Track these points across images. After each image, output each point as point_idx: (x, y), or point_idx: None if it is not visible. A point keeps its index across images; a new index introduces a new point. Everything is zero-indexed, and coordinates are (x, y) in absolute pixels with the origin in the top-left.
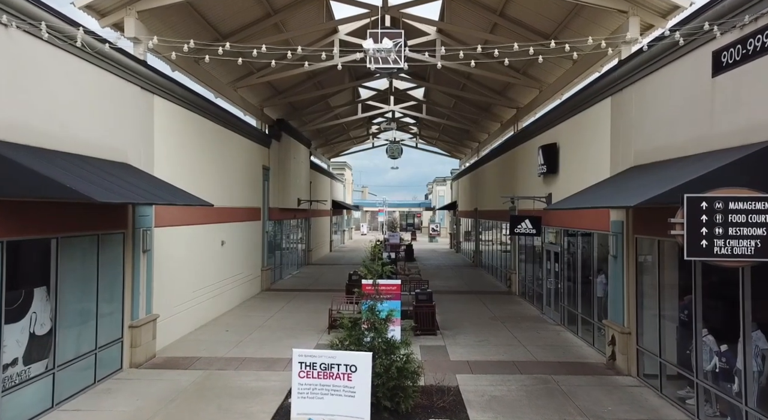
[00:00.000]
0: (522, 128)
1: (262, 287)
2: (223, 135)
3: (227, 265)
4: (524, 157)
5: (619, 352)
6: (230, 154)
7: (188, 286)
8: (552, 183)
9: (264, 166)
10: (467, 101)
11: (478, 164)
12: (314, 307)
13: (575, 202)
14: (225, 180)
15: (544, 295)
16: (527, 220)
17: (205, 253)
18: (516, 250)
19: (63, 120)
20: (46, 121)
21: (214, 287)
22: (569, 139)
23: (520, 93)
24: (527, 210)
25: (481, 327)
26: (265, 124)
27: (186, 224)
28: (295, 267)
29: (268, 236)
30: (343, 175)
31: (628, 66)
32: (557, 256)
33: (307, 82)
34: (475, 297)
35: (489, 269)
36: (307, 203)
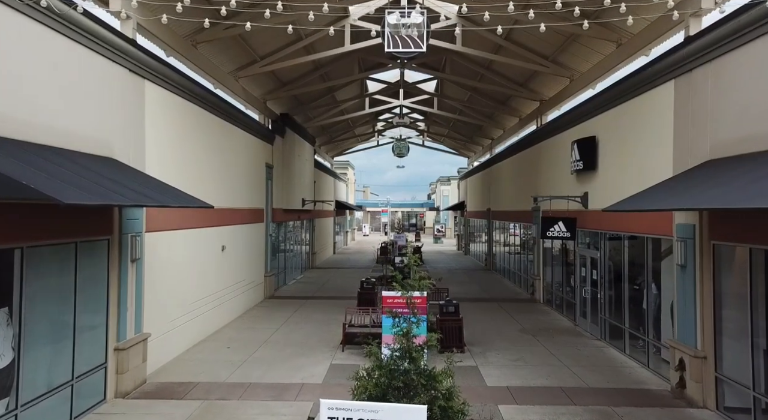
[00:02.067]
0: (547, 122)
1: (266, 295)
2: (223, 129)
3: (229, 272)
4: (551, 154)
5: (690, 379)
6: (232, 150)
7: (186, 297)
8: (588, 181)
9: (267, 163)
10: (484, 94)
11: (492, 162)
12: (323, 317)
13: (646, 203)
14: (226, 178)
15: (578, 305)
16: (560, 222)
17: (205, 259)
18: (540, 254)
19: (33, 104)
20: (11, 106)
21: (214, 297)
22: (612, 131)
23: (546, 84)
24: (555, 211)
25: (512, 342)
26: (268, 119)
27: (183, 228)
28: (299, 271)
29: (271, 239)
30: (346, 175)
31: (701, 42)
32: (595, 262)
33: (313, 73)
34: (497, 305)
35: (505, 273)
36: (311, 204)
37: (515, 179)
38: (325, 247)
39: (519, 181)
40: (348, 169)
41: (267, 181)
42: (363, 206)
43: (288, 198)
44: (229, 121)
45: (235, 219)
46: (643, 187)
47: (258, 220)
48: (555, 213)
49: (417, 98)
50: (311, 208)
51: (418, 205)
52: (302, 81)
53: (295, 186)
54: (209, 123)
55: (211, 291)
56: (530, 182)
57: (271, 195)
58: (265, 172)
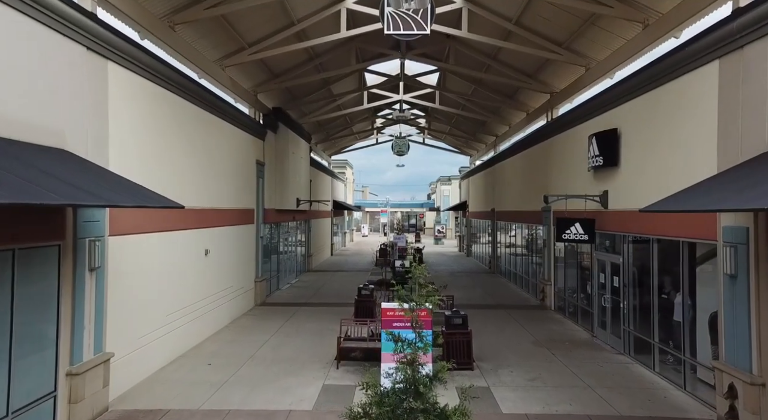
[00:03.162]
0: (559, 116)
1: (256, 301)
2: (208, 122)
3: (213, 278)
4: (563, 149)
5: (743, 409)
6: (218, 146)
7: (161, 309)
8: (609, 178)
9: (258, 160)
10: (489, 87)
11: (496, 160)
12: (317, 327)
13: (695, 202)
14: (211, 176)
15: (595, 314)
16: (578, 223)
17: (185, 265)
18: (551, 258)
19: None
20: None
21: (195, 307)
22: (638, 122)
23: (557, 74)
24: (571, 211)
25: (525, 357)
26: (260, 113)
27: (158, 230)
28: (294, 275)
29: (262, 242)
30: (344, 174)
31: (757, 12)
32: (616, 267)
33: (307, 64)
34: (505, 313)
35: (511, 277)
36: (307, 204)
37: (523, 178)
38: (322, 249)
39: (527, 180)
40: (346, 169)
41: (258, 179)
42: (362, 206)
43: (281, 197)
44: (215, 114)
45: (221, 220)
46: (677, 184)
47: (248, 221)
48: (571, 213)
49: (418, 92)
50: (307, 208)
51: (417, 206)
52: (296, 72)
53: (289, 185)
54: (191, 115)
55: (191, 300)
56: (540, 181)
57: (263, 194)
58: (256, 169)
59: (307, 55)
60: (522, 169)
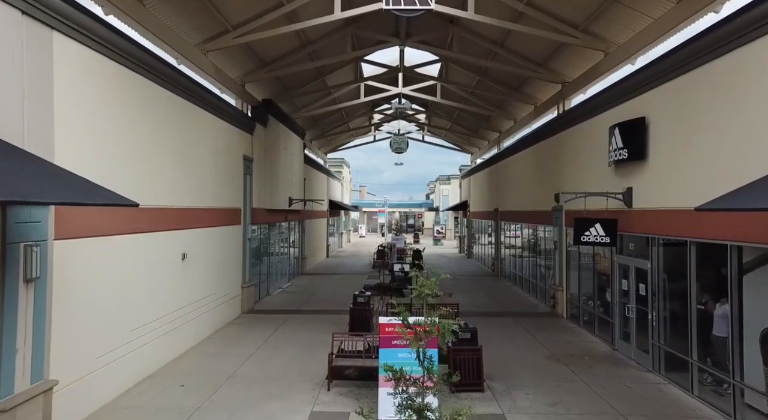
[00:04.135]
0: (573, 107)
1: (244, 309)
2: (187, 111)
3: (192, 285)
4: (578, 143)
5: None
6: (199, 138)
7: (124, 323)
8: (634, 173)
9: (246, 156)
10: (494, 78)
11: (500, 157)
12: (309, 337)
13: None
14: (190, 172)
15: (616, 325)
16: (598, 224)
17: (157, 272)
18: (562, 261)
19: None
20: None
21: (170, 318)
22: (671, 109)
23: (571, 61)
24: (590, 211)
25: (541, 375)
26: (248, 105)
27: (123, 233)
28: (286, 279)
29: (250, 244)
30: (341, 173)
31: None
32: (643, 273)
33: (299, 51)
34: (513, 321)
35: (516, 281)
36: (301, 203)
37: (530, 175)
38: (317, 251)
39: (535, 178)
40: (343, 167)
41: (245, 176)
42: (359, 206)
43: (272, 196)
44: (196, 103)
45: (202, 221)
46: (726, 180)
47: (233, 221)
48: (590, 213)
49: (418, 85)
50: (300, 208)
51: (416, 206)
52: (287, 60)
53: (280, 183)
54: (167, 103)
55: (166, 311)
56: (549, 178)
57: (251, 193)
58: (243, 165)
59: (299, 42)
60: (529, 166)
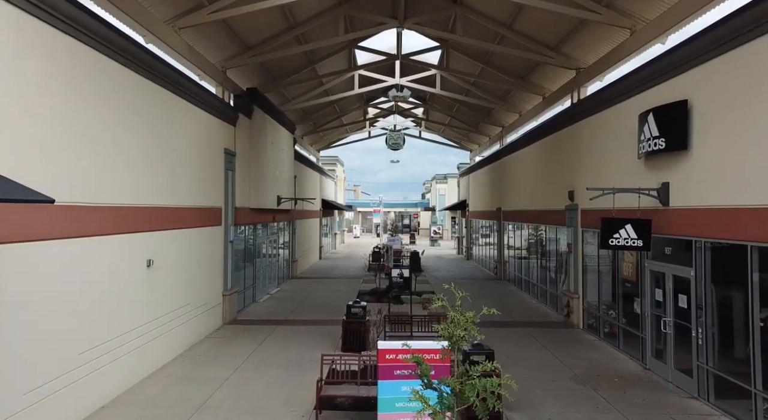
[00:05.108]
0: (592, 94)
1: (225, 319)
2: (157, 97)
3: (160, 297)
4: (597, 134)
5: None
6: (170, 127)
7: (65, 348)
8: (672, 166)
9: (227, 149)
10: (500, 66)
11: (503, 154)
12: (296, 354)
13: None
14: (158, 165)
15: (648, 340)
16: (629, 225)
17: (111, 282)
18: (578, 265)
19: None
20: None
21: (132, 336)
22: (725, 87)
23: (588, 44)
24: (620, 210)
25: (568, 402)
26: (230, 94)
27: (61, 237)
28: (275, 283)
29: (233, 247)
30: (335, 172)
31: None
32: (684, 282)
33: (286, 33)
34: (524, 332)
35: (523, 285)
36: (291, 202)
37: (538, 172)
38: (309, 253)
39: (544, 174)
40: (336, 166)
41: (227, 172)
42: (353, 206)
43: (258, 195)
44: (167, 88)
45: (173, 221)
46: None
47: (212, 222)
48: (620, 213)
49: (416, 75)
50: (290, 207)
51: (411, 205)
52: (273, 44)
53: (267, 180)
54: (132, 86)
55: (126, 327)
56: (562, 174)
57: (233, 190)
58: (225, 160)
59: (286, 23)
60: (537, 162)
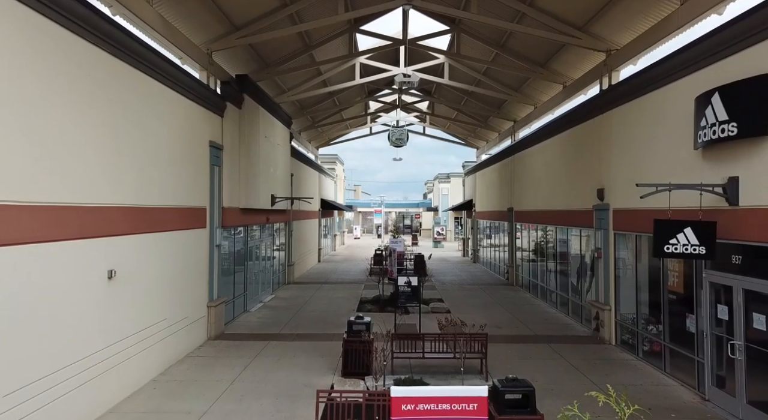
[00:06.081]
0: (634, 74)
1: (210, 334)
2: (126, 77)
3: (125, 314)
4: (634, 124)
5: None
6: (142, 114)
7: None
8: (746, 156)
9: (213, 142)
10: (516, 51)
11: (515, 149)
12: (288, 380)
13: None
14: (125, 157)
15: (707, 365)
16: (689, 228)
17: (57, 301)
18: (609, 273)
19: None
20: None
21: (83, 366)
22: None
23: (623, 22)
24: (677, 211)
25: None
26: (216, 80)
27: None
28: (269, 290)
29: (220, 252)
30: (334, 171)
31: None
32: (762, 299)
33: (278, 11)
34: (549, 350)
35: (539, 293)
36: (287, 202)
37: (558, 168)
38: (307, 255)
39: (566, 170)
40: (336, 164)
41: (213, 168)
42: (354, 206)
43: (249, 193)
44: (139, 68)
45: (145, 224)
46: None
47: (195, 224)
48: (677, 214)
49: (423, 64)
50: (286, 207)
51: (413, 205)
52: (263, 23)
53: (260, 178)
54: (93, 63)
55: (76, 356)
56: (589, 170)
57: (220, 188)
58: (210, 154)
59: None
60: (557, 158)
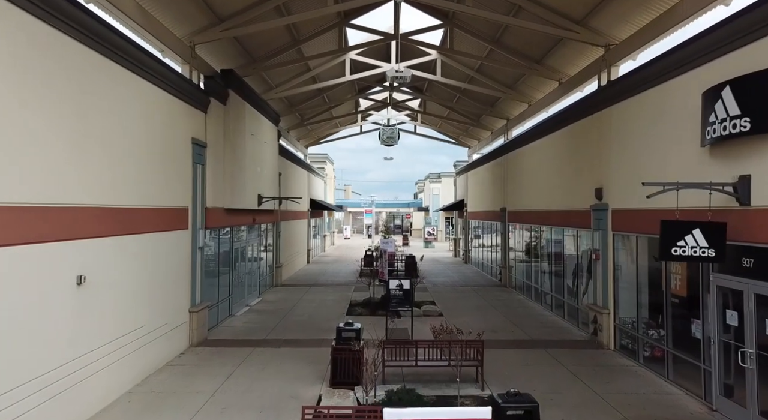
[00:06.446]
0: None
1: (192, 340)
2: (99, 67)
3: (97, 322)
4: (636, 120)
5: None
6: (115, 107)
7: None
8: (758, 153)
9: (196, 139)
10: (511, 46)
11: (508, 148)
12: (275, 388)
13: None
14: (94, 154)
15: (714, 374)
16: (697, 230)
17: (16, 311)
18: (607, 275)
19: None
20: None
21: (46, 381)
22: None
23: (623, 15)
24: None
25: None
26: (200, 74)
27: None
28: (257, 293)
29: (203, 254)
30: (324, 170)
31: None
32: None
33: (265, 2)
34: (546, 355)
35: (533, 295)
36: (274, 202)
37: (554, 167)
38: (295, 256)
39: (562, 169)
40: (326, 164)
41: (195, 166)
42: (344, 206)
43: (234, 193)
44: (112, 58)
45: (119, 225)
46: None
47: (176, 225)
48: (685, 215)
49: (415, 60)
50: (274, 207)
51: (404, 206)
52: (249, 14)
53: (246, 177)
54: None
55: (39, 371)
56: (587, 169)
57: (204, 187)
58: (193, 152)
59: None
60: (553, 156)
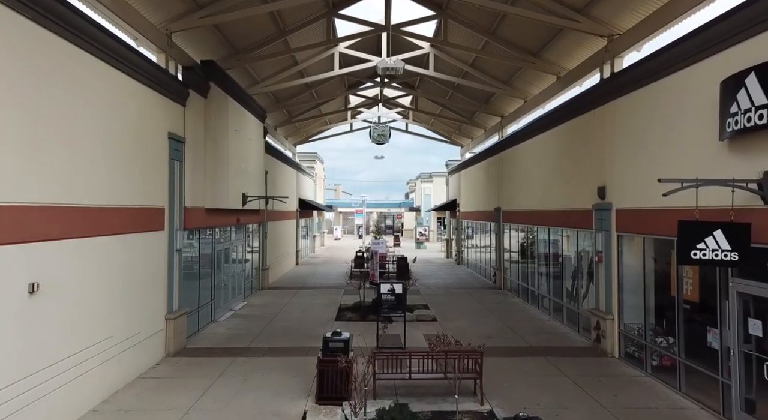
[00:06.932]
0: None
1: (169, 350)
2: (62, 55)
3: (55, 334)
4: (644, 113)
5: None
6: (79, 96)
7: None
8: None
9: (173, 134)
10: (507, 38)
11: (503, 146)
12: (255, 404)
13: None
14: (52, 146)
15: (735, 388)
16: (719, 231)
17: None
18: (611, 279)
19: None
20: None
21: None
22: None
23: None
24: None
25: None
26: (177, 64)
27: None
28: (241, 297)
29: (181, 257)
30: (313, 169)
31: None
32: None
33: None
34: (547, 364)
35: (529, 298)
36: (260, 201)
37: (552, 165)
38: (283, 258)
39: (561, 167)
40: (316, 163)
41: (173, 162)
42: (334, 206)
43: (216, 192)
44: (77, 44)
45: (83, 226)
46: None
47: (151, 226)
48: (705, 215)
49: (407, 54)
50: (260, 207)
51: (395, 206)
52: (229, 1)
53: (229, 175)
54: (14, 33)
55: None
56: (588, 167)
57: (182, 186)
58: (169, 147)
59: None
60: (551, 154)
